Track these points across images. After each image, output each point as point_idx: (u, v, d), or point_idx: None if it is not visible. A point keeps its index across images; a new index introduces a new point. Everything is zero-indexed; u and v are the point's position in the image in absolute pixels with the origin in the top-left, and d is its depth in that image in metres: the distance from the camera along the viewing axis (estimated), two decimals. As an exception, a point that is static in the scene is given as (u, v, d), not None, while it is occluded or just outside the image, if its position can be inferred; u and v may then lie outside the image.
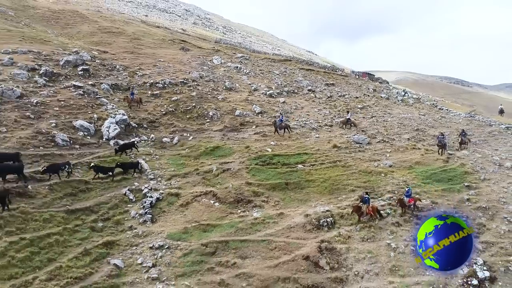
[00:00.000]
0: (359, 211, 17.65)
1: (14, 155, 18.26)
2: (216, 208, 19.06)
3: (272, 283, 14.51)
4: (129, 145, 23.39)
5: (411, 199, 18.55)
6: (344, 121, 30.01)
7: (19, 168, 17.32)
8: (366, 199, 17.83)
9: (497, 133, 30.84)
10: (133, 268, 15.26)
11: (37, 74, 27.79)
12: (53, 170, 18.35)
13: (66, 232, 15.67)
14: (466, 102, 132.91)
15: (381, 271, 15.08)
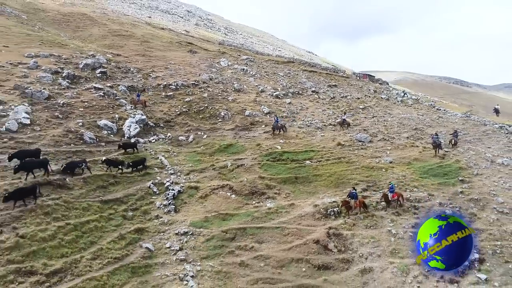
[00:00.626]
0: (348, 205, 19.37)
1: (35, 151, 19.75)
2: (233, 199, 21.02)
3: (287, 263, 16.47)
4: (132, 145, 24.48)
5: (394, 194, 20.21)
6: (341, 122, 31.57)
7: (44, 163, 18.87)
8: (354, 194, 19.63)
9: (490, 132, 32.77)
10: (163, 251, 17.20)
11: (60, 76, 29.67)
12: (71, 168, 19.78)
13: (102, 219, 17.60)
14: (465, 102, 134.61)
15: (383, 254, 17.03)
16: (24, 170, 18.05)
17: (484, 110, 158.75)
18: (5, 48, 32.76)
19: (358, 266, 16.38)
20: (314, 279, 15.67)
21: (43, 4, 63.45)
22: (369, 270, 16.11)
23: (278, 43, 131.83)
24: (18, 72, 28.22)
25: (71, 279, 13.66)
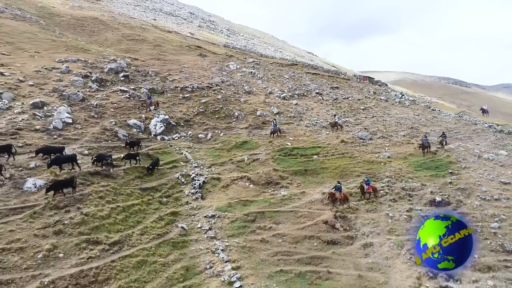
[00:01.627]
0: (333, 197, 22.02)
1: (60, 148, 21.81)
2: (251, 188, 24.15)
3: (300, 240, 19.60)
4: (136, 143, 26.02)
5: (370, 187, 22.98)
6: (332, 123, 33.88)
7: (73, 158, 20.91)
8: (339, 187, 22.33)
9: (480, 131, 35.93)
10: (195, 230, 20.31)
11: (90, 80, 32.76)
12: (100, 160, 22.16)
13: (143, 203, 20.72)
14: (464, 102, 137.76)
15: (382, 232, 20.17)
16: (55, 164, 20.06)
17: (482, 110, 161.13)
18: (37, 54, 35.83)
19: (361, 241, 19.53)
20: (324, 252, 18.80)
21: (55, 8, 66.36)
22: (370, 244, 19.27)
23: (278, 44, 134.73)
24: (53, 76, 31.31)
25: (127, 249, 16.77)
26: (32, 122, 24.13)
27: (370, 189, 23.02)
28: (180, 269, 16.91)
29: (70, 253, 15.28)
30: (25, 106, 25.65)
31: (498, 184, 24.72)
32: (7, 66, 30.58)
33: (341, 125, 34.06)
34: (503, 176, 25.76)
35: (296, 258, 18.54)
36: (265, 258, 18.57)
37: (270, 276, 17.45)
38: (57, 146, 22.20)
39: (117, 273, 15.12)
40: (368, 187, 23.00)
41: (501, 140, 33.05)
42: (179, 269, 16.90)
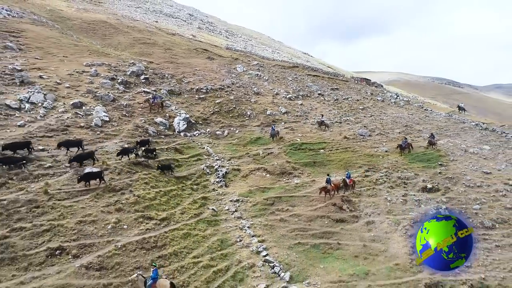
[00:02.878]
0: (325, 189, 24.80)
1: (78, 141, 24.02)
2: (268, 178, 27.78)
3: (314, 219, 23.24)
4: (146, 142, 27.67)
5: (351, 180, 25.71)
6: (319, 122, 36.54)
7: (91, 155, 23.07)
8: (328, 179, 25.01)
9: (467, 129, 39.90)
10: (223, 211, 23.88)
11: (117, 82, 36.15)
12: (125, 152, 24.46)
13: (179, 189, 24.25)
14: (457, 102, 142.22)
15: (381, 212, 23.89)
16: (76, 161, 22.32)
17: (474, 110, 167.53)
18: (65, 58, 39.11)
19: (364, 220, 23.24)
20: (334, 228, 22.47)
21: (63, 11, 69.04)
22: (372, 222, 22.98)
23: (275, 45, 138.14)
24: (85, 79, 34.66)
25: (174, 224, 20.30)
26: (76, 120, 27.57)
27: (351, 182, 25.90)
28: (216, 241, 20.49)
29: (132, 225, 18.82)
30: (67, 106, 29.04)
31: (480, 174, 28.63)
32: (44, 70, 33.89)
33: (327, 125, 36.85)
34: (485, 167, 29.70)
35: (311, 233, 22.18)
36: (284, 233, 22.19)
37: (290, 247, 21.06)
38: (75, 140, 24.33)
39: (170, 241, 18.70)
40: (350, 180, 25.88)
41: (485, 136, 37.03)
42: (216, 241, 20.48)
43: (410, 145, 32.22)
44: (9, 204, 17.63)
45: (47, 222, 17.19)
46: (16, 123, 25.14)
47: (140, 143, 27.04)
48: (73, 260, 15.77)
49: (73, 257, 15.94)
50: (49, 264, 15.30)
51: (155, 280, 14.95)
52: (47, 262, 15.36)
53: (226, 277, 17.92)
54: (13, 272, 14.57)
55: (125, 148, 25.42)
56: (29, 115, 26.55)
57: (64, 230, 17.10)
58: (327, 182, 24.91)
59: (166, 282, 15.01)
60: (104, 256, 16.34)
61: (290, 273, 18.87)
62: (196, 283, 16.76)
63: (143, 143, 27.37)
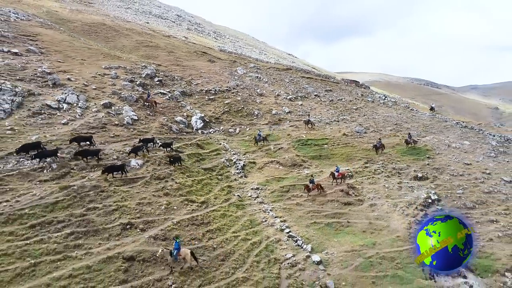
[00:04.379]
0: (308, 188, 28.13)
1: (89, 137, 25.64)
2: (281, 169, 31.65)
3: (325, 202, 27.24)
4: (150, 140, 28.93)
5: (339, 174, 28.93)
6: (306, 121, 39.35)
7: (96, 152, 24.54)
8: (312, 180, 28.38)
9: (449, 127, 44.80)
10: (247, 197, 27.59)
11: (135, 84, 39.32)
12: (135, 151, 26.13)
13: (208, 179, 27.85)
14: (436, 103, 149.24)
15: (381, 197, 28.09)
16: (81, 156, 23.95)
17: (452, 110, 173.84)
18: (84, 61, 41.94)
19: (368, 202, 27.39)
20: (343, 210, 26.52)
21: (58, 13, 70.45)
22: (374, 204, 27.16)
23: (260, 46, 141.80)
24: (107, 81, 37.70)
25: (211, 207, 23.91)
26: (111, 118, 30.76)
27: (340, 175, 28.96)
28: (247, 221, 24.19)
29: (180, 206, 22.37)
30: (98, 106, 32.16)
31: (462, 165, 33.28)
32: (69, 72, 36.76)
33: (313, 123, 40.10)
34: (466, 159, 34.41)
35: (324, 214, 26.17)
36: (301, 215, 26.11)
37: (307, 226, 24.99)
38: (86, 135, 26.10)
39: (212, 220, 22.35)
40: (338, 173, 28.98)
41: (465, 133, 41.96)
42: (246, 221, 24.18)
43: (383, 146, 35.53)
44: (78, 189, 20.91)
45: (113, 203, 20.58)
46: (60, 121, 28.23)
47: (143, 141, 28.32)
48: (141, 233, 19.25)
49: (141, 230, 19.42)
50: (124, 235, 18.75)
51: (178, 250, 17.65)
52: (123, 234, 18.80)
53: (260, 248, 21.67)
54: (98, 241, 17.96)
55: (136, 146, 26.96)
56: (69, 114, 29.61)
57: (128, 209, 20.53)
58: (311, 182, 27.78)
59: (187, 250, 17.82)
60: (165, 229, 19.88)
61: (311, 245, 22.75)
62: (240, 251, 20.47)
63: (146, 141, 28.58)
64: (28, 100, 29.73)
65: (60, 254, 16.64)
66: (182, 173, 26.24)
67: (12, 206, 18.67)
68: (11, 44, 40.59)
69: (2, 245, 16.34)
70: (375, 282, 20.23)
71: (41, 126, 26.95)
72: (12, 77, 32.04)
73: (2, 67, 33.29)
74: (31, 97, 30.23)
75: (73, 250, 17.12)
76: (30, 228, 17.69)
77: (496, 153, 36.09)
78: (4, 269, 15.31)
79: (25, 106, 28.86)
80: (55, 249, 16.84)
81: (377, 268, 21.09)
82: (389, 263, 21.39)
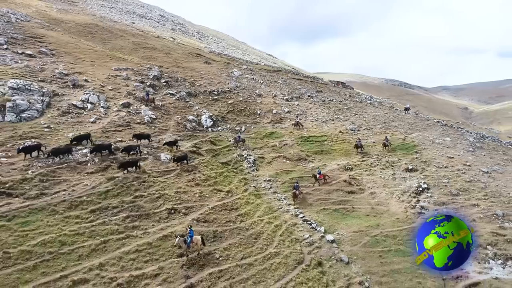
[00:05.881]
0: (294, 194, 29.08)
1: (88, 135, 26.86)
2: (288, 163, 35.01)
3: (331, 191, 30.78)
4: (146, 136, 30.08)
5: (321, 175, 31.16)
6: (295, 123, 41.83)
7: (108, 147, 26.46)
8: (297, 186, 29.29)
9: (432, 125, 49.44)
10: (261, 188, 30.76)
11: (146, 85, 41.70)
12: (128, 150, 26.78)
13: (226, 171, 30.84)
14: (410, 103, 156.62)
15: (379, 186, 31.91)
16: (96, 152, 25.63)
17: (425, 110, 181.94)
18: (93, 63, 43.93)
19: (368, 191, 31.13)
20: (347, 197, 30.15)
21: (46, 12, 71.03)
22: (374, 193, 30.93)
23: (242, 47, 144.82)
24: (120, 82, 39.97)
25: (235, 195, 26.95)
26: (132, 117, 33.24)
27: (321, 177, 31.20)
28: (266, 207, 27.38)
29: (210, 195, 25.34)
30: (118, 105, 34.54)
31: (446, 158, 37.64)
32: (84, 74, 38.85)
33: (301, 124, 42.67)
34: (449, 153, 38.83)
35: (331, 201, 29.71)
36: (311, 202, 29.55)
37: (318, 211, 28.45)
38: (86, 134, 27.08)
39: (239, 206, 25.43)
40: (320, 175, 31.36)
41: (446, 131, 46.66)
42: (266, 207, 27.36)
43: (362, 145, 38.33)
44: (123, 179, 23.55)
45: (156, 192, 23.36)
46: (88, 120, 30.57)
47: (136, 136, 29.40)
48: (185, 216, 22.15)
49: (184, 214, 22.32)
50: (171, 218, 21.61)
51: (192, 237, 19.59)
52: (170, 217, 21.66)
53: (282, 230, 24.90)
54: (151, 223, 20.76)
55: (129, 146, 27.66)
56: (94, 113, 31.93)
57: (169, 197, 23.35)
58: (296, 188, 29.32)
59: (198, 237, 19.90)
60: (204, 214, 22.85)
61: (324, 227, 26.20)
62: (267, 232, 23.66)
63: (141, 136, 29.69)
64: (54, 100, 31.86)
65: (123, 234, 19.36)
66: (206, 166, 29.17)
67: (70, 194, 21.17)
68: (22, 45, 42.22)
69: (73, 226, 18.91)
70: (382, 255, 23.90)
71: (73, 124, 29.23)
72: (34, 78, 33.98)
73: (22, 69, 35.16)
74: (57, 97, 32.37)
75: (133, 230, 19.86)
76: (91, 212, 20.29)
77: (474, 148, 40.84)
78: (81, 245, 17.93)
79: (53, 106, 31.02)
80: (117, 229, 19.54)
81: (382, 245, 24.77)
82: (392, 240, 25.12)
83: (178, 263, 18.43)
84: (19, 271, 15.69)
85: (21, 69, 34.91)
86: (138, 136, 29.58)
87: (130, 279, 16.79)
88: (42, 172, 22.22)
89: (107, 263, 17.34)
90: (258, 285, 18.84)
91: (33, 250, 16.80)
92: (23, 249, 16.66)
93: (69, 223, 19.02)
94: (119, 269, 17.22)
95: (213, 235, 21.37)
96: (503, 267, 24.04)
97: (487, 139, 46.04)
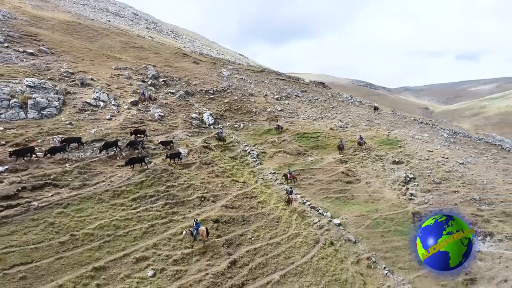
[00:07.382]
0: (288, 198, 32.67)
1: (78, 138, 26.42)
2: (288, 157, 37.94)
3: (331, 181, 34.01)
4: (142, 131, 30.65)
5: (291, 176, 33.00)
6: (276, 127, 43.17)
7: (115, 143, 27.27)
8: (291, 191, 30.50)
9: (409, 122, 54.15)
10: (268, 179, 33.49)
11: (147, 84, 43.18)
12: (131, 145, 27.93)
13: (236, 165, 33.26)
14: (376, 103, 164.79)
15: (373, 177, 35.55)
16: (105, 149, 26.20)
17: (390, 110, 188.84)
18: (93, 62, 44.76)
19: (364, 181, 34.66)
20: (346, 187, 33.50)
21: (23, 9, 69.48)
22: (369, 182, 34.50)
23: (214, 46, 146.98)
24: (123, 81, 41.24)
25: (251, 185, 29.44)
26: (144, 115, 34.87)
27: (292, 177, 32.98)
28: (277, 196, 30.14)
29: (230, 185, 27.74)
30: (127, 104, 36.01)
31: (426, 152, 42.01)
32: (88, 73, 39.80)
33: (282, 127, 44.02)
34: (428, 147, 43.31)
35: (332, 190, 32.94)
36: (315, 192, 32.67)
37: (322, 199, 31.61)
38: (76, 137, 26.87)
39: (256, 195, 28.01)
40: (290, 175, 33.08)
41: (423, 128, 51.47)
42: (277, 196, 30.12)
43: (343, 146, 41.12)
44: (153, 172, 25.49)
45: (185, 182, 25.49)
46: (104, 117, 31.98)
47: (134, 132, 30.02)
48: (214, 203, 24.47)
49: (212, 202, 24.63)
50: (203, 205, 23.87)
51: (198, 229, 20.24)
52: (201, 204, 23.91)
53: (295, 216, 27.79)
54: (188, 209, 22.96)
55: (132, 141, 28.58)
56: (107, 111, 33.32)
57: (197, 187, 25.57)
58: (289, 193, 29.88)
59: (203, 228, 20.29)
60: (230, 201, 25.27)
61: (329, 213, 29.38)
62: (285, 217, 26.43)
63: (138, 132, 30.28)
64: (68, 98, 32.96)
65: (166, 218, 21.47)
66: (220, 160, 31.48)
67: (110, 185, 22.93)
68: (21, 44, 42.41)
69: (121, 212, 20.80)
70: (383, 235, 27.39)
71: (92, 121, 30.59)
72: (43, 77, 34.79)
73: (30, 67, 35.80)
74: (69, 95, 33.46)
75: (173, 215, 22.00)
76: (132, 200, 22.19)
77: (449, 143, 45.65)
78: (133, 229, 19.90)
79: (68, 104, 32.16)
80: (160, 215, 21.62)
81: (382, 226, 28.28)
82: (390, 222, 28.71)
83: (219, 243, 20.82)
84: (88, 250, 17.53)
85: (29, 67, 35.53)
86: (136, 132, 30.16)
87: (183, 256, 19.03)
88: (78, 165, 23.73)
89: (159, 243, 19.45)
90: (288, 259, 21.62)
91: (94, 233, 18.63)
92: (86, 232, 18.45)
93: (117, 210, 20.87)
94: (171, 248, 19.38)
95: (242, 219, 23.87)
96: (483, 242, 28.20)
97: (459, 135, 51.29)
